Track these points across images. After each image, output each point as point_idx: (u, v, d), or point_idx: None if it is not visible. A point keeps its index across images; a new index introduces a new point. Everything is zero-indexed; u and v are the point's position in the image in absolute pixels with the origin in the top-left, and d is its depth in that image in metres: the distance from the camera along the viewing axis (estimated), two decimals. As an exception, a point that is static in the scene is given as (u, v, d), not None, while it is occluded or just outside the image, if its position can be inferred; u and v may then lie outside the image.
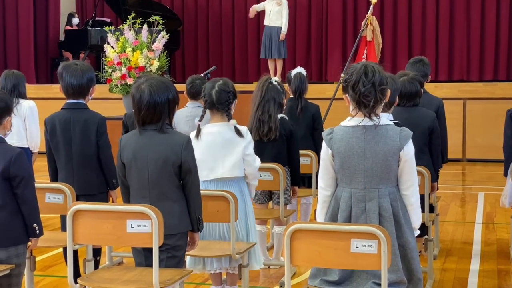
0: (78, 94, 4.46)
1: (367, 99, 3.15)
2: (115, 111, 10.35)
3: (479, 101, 11.50)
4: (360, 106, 3.18)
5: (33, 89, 12.75)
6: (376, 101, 3.16)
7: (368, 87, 3.14)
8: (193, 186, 3.52)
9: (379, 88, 3.16)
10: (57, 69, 4.58)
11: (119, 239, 3.39)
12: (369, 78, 3.15)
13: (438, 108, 5.58)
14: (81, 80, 4.43)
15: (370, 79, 3.15)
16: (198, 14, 15.06)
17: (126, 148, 3.52)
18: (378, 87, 3.15)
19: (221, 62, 14.53)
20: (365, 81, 3.14)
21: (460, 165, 11.20)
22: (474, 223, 7.09)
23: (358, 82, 3.15)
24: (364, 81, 3.14)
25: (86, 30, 13.95)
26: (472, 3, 13.37)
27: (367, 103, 3.15)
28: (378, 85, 3.16)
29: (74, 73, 4.43)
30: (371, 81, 3.14)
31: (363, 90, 3.14)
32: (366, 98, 3.15)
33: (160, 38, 8.88)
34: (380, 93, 3.17)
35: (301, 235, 3.05)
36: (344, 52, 13.86)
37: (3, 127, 3.53)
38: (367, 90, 3.14)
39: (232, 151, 4.27)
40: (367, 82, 3.14)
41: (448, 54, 13.56)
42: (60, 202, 4.16)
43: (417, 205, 3.32)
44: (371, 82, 3.14)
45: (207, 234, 4.28)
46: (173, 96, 3.50)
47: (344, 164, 3.24)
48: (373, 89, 3.15)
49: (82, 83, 4.44)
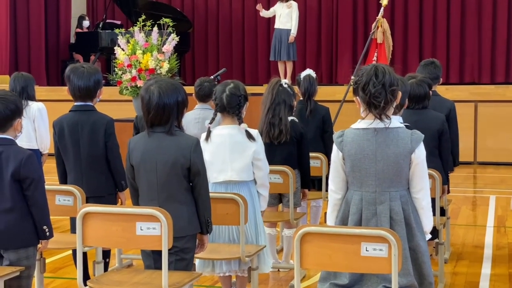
0: (85, 96, 4.47)
1: (378, 100, 3.13)
2: (125, 113, 10.36)
3: (490, 103, 11.44)
4: (371, 107, 3.16)
5: (44, 91, 12.80)
6: (386, 102, 3.14)
7: (379, 88, 3.13)
8: (202, 188, 3.52)
9: (390, 89, 3.14)
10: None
11: (128, 241, 3.38)
12: (380, 79, 3.13)
13: (450, 111, 5.55)
14: (88, 83, 4.44)
15: (381, 80, 3.13)
16: (208, 16, 15.08)
17: (135, 151, 3.52)
18: (388, 88, 3.14)
19: (231, 64, 14.55)
20: (376, 82, 3.13)
21: (472, 168, 11.15)
22: (486, 227, 7.05)
23: (368, 83, 3.14)
24: (375, 82, 3.13)
25: (96, 32, 14.00)
26: (483, 5, 13.32)
27: (377, 104, 3.14)
28: (389, 86, 3.14)
29: (81, 75, 4.43)
30: (381, 82, 3.13)
31: (374, 91, 3.13)
32: (377, 99, 3.13)
33: (170, 40, 8.86)
34: (391, 94, 3.15)
35: (311, 238, 3.03)
36: (354, 54, 13.84)
37: (13, 129, 3.54)
38: (377, 91, 3.13)
39: (242, 154, 4.25)
40: (377, 83, 3.13)
41: (459, 56, 13.52)
42: (70, 204, 4.17)
43: (428, 208, 3.30)
44: (382, 83, 3.13)
45: (216, 237, 4.26)
46: (182, 98, 3.50)
47: (354, 167, 3.23)
48: (383, 90, 3.13)
49: (89, 85, 4.45)
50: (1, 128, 3.49)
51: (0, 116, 3.47)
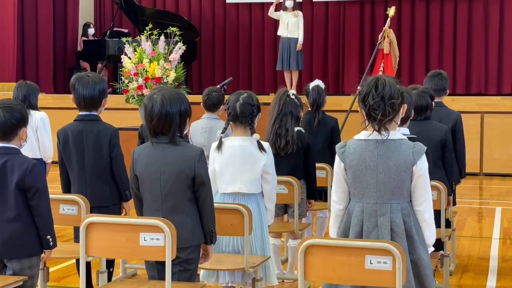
0: (90, 106, 4.46)
1: (376, 112, 3.13)
2: (131, 122, 10.38)
3: (496, 115, 11.42)
4: (370, 119, 3.16)
5: (50, 98, 12.84)
6: (384, 115, 3.13)
7: (377, 100, 3.12)
8: (206, 199, 3.51)
9: (389, 101, 3.13)
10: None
11: (132, 252, 3.38)
12: (379, 91, 3.13)
13: (456, 122, 5.52)
14: (93, 92, 4.43)
15: (380, 92, 3.12)
16: (215, 25, 15.11)
17: (139, 161, 3.51)
18: (387, 100, 3.13)
19: (237, 74, 14.56)
20: (375, 94, 3.13)
21: (478, 179, 11.11)
22: (491, 239, 7.01)
23: (368, 95, 3.15)
24: (374, 94, 3.13)
25: (104, 40, 14.03)
26: (490, 16, 13.32)
27: (375, 116, 3.13)
28: (388, 99, 3.13)
29: (86, 84, 4.43)
30: (380, 94, 3.12)
31: (372, 103, 3.13)
32: (375, 112, 3.13)
33: (177, 49, 8.88)
34: (390, 107, 3.13)
35: (315, 251, 3.02)
36: (361, 64, 13.84)
37: (18, 138, 3.54)
38: (376, 103, 3.12)
39: (252, 166, 4.23)
40: (376, 95, 3.12)
41: (465, 67, 13.51)
42: (74, 214, 4.16)
43: (431, 221, 3.28)
44: (381, 95, 3.12)
45: (221, 247, 4.25)
46: (186, 108, 3.49)
47: (356, 178, 3.22)
48: (382, 103, 3.12)
49: (94, 94, 4.44)
50: (6, 137, 3.49)
51: (6, 125, 3.47)
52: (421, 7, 13.73)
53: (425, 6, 13.74)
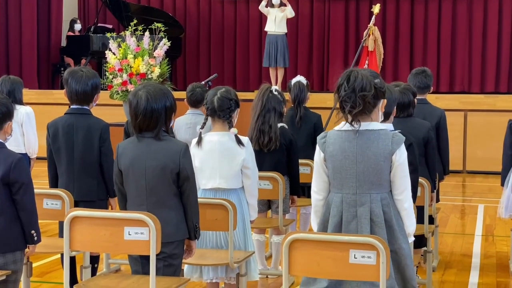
0: (82, 100, 4.46)
1: (346, 104, 3.15)
2: (116, 118, 10.35)
3: (480, 113, 11.50)
4: (342, 110, 3.18)
5: (34, 94, 12.77)
6: (353, 107, 3.14)
7: (348, 92, 3.14)
8: (191, 194, 3.51)
9: (360, 93, 3.14)
10: (61, 75, 4.58)
11: (116, 246, 3.37)
12: (350, 83, 3.14)
13: (440, 119, 5.55)
14: (85, 87, 4.44)
15: (351, 84, 3.14)
16: (200, 21, 15.09)
17: (123, 156, 3.50)
18: (358, 92, 3.14)
19: (222, 70, 14.55)
20: (346, 86, 3.15)
21: (460, 176, 11.19)
22: (474, 235, 7.06)
23: (340, 86, 3.17)
24: (345, 86, 3.15)
25: (88, 36, 13.97)
26: (474, 15, 13.40)
27: (345, 107, 3.15)
28: (359, 91, 3.14)
29: (79, 79, 4.43)
30: (351, 86, 3.14)
31: (343, 94, 3.15)
32: (345, 103, 3.15)
33: (161, 45, 8.88)
34: (361, 99, 3.14)
35: (299, 245, 3.03)
36: (345, 61, 13.88)
37: (3, 132, 3.51)
38: (346, 95, 3.14)
39: (231, 161, 4.23)
40: (348, 87, 3.14)
41: (449, 65, 13.59)
42: (58, 208, 4.14)
43: (411, 210, 3.29)
44: (352, 87, 3.14)
45: (203, 242, 4.25)
46: (171, 103, 3.49)
47: (335, 168, 3.23)
48: (353, 95, 3.14)
49: (86, 89, 4.44)
50: (-10, 130, 3.47)
51: (-9, 119, 3.45)
52: (406, 5, 13.79)
53: (409, 4, 13.80)
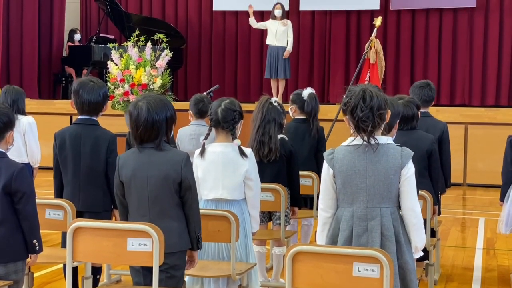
0: (93, 110, 4.47)
1: (365, 124, 3.15)
2: (117, 128, 10.31)
3: (480, 126, 11.49)
4: (359, 130, 3.18)
5: (35, 104, 12.78)
6: (374, 126, 3.16)
7: (366, 112, 3.14)
8: (193, 204, 3.50)
9: (377, 112, 3.15)
10: (62, 85, 4.58)
11: (119, 257, 3.36)
12: (367, 103, 3.14)
13: (443, 132, 5.56)
14: (98, 97, 4.45)
15: (368, 104, 3.14)
16: (202, 32, 15.11)
17: (124, 167, 3.50)
18: (376, 111, 3.15)
19: (223, 81, 14.56)
20: (363, 107, 3.14)
21: (461, 189, 11.17)
22: (475, 249, 7.05)
23: (356, 107, 3.15)
24: (362, 106, 3.14)
25: (89, 46, 13.99)
26: (475, 28, 13.42)
27: (365, 128, 3.16)
28: (376, 110, 3.15)
29: (91, 90, 4.43)
30: (369, 106, 3.14)
31: (361, 115, 3.15)
32: (364, 123, 3.15)
33: (163, 56, 8.88)
34: (379, 118, 3.16)
35: (303, 257, 3.02)
36: (346, 73, 13.90)
37: (5, 141, 3.51)
38: (365, 115, 3.14)
39: (234, 172, 4.23)
40: (365, 107, 3.14)
41: (450, 78, 13.60)
42: (60, 219, 4.14)
43: (420, 225, 3.28)
44: (369, 107, 3.14)
45: (205, 254, 4.24)
46: (171, 114, 3.49)
47: (346, 183, 3.23)
48: (371, 114, 3.15)
49: (98, 100, 4.46)
50: (-8, 140, 3.47)
51: (-8, 128, 3.45)
52: (407, 18, 13.82)
53: (410, 17, 13.83)
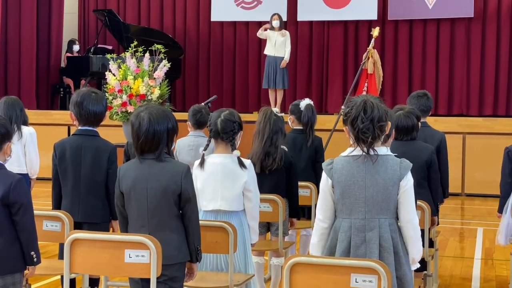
0: (97, 121, 4.49)
1: (365, 136, 3.16)
2: (115, 138, 10.28)
3: (478, 135, 11.51)
4: (359, 141, 3.19)
5: (33, 114, 12.74)
6: (374, 138, 3.17)
7: (367, 123, 3.15)
8: (193, 215, 3.50)
9: (378, 124, 3.17)
10: (60, 95, 4.60)
11: (116, 269, 3.36)
12: (368, 115, 3.15)
13: (441, 142, 5.57)
14: (102, 108, 4.48)
15: (369, 116, 3.15)
16: (200, 43, 15.13)
17: (125, 178, 3.50)
18: (376, 123, 3.16)
19: (221, 91, 14.57)
20: (364, 118, 3.15)
21: (459, 199, 11.17)
22: (473, 259, 7.04)
23: (357, 118, 3.16)
24: (363, 117, 3.15)
25: (87, 57, 14.00)
26: (472, 38, 13.45)
27: (365, 139, 3.16)
28: (377, 122, 3.16)
29: (95, 102, 4.44)
30: (369, 117, 3.15)
31: (362, 126, 3.15)
32: (365, 135, 3.16)
33: (161, 67, 8.90)
34: (379, 130, 3.18)
35: (300, 268, 3.02)
36: (344, 84, 13.92)
37: (3, 152, 3.51)
38: (365, 127, 3.15)
39: (233, 184, 4.24)
40: (365, 118, 3.15)
41: (448, 88, 13.61)
42: (58, 230, 4.14)
43: (417, 237, 3.29)
44: (370, 118, 3.15)
45: (204, 265, 4.24)
46: (173, 125, 3.50)
47: (344, 194, 3.24)
48: (371, 126, 3.16)
49: (102, 110, 4.49)
50: (-10, 152, 3.47)
51: (-10, 139, 3.45)
52: (405, 28, 13.85)
53: (408, 28, 13.86)
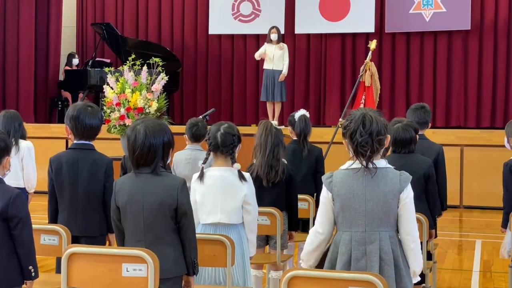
0: (93, 135, 4.50)
1: (364, 149, 3.17)
2: (113, 151, 10.29)
3: (476, 148, 11.52)
4: (358, 155, 3.19)
5: (31, 128, 12.74)
6: (372, 151, 3.18)
7: (365, 137, 3.16)
8: (189, 229, 3.50)
9: (377, 138, 3.18)
10: (58, 109, 4.60)
11: (114, 283, 3.35)
12: (367, 128, 3.16)
13: (438, 155, 5.57)
14: (98, 122, 4.49)
15: (368, 129, 3.16)
16: (198, 56, 15.16)
17: (121, 192, 3.50)
18: (375, 137, 3.17)
19: (219, 104, 14.59)
20: (363, 131, 3.16)
21: (457, 211, 11.17)
22: (472, 271, 7.03)
23: (355, 131, 3.17)
24: (362, 131, 3.16)
25: (85, 70, 14.02)
26: (469, 50, 13.49)
27: (364, 153, 3.17)
28: (376, 135, 3.17)
29: (91, 115, 4.45)
30: (368, 131, 3.16)
31: (360, 140, 3.16)
32: (363, 148, 3.17)
33: (159, 80, 8.91)
34: (378, 143, 3.18)
35: (299, 282, 3.02)
36: (342, 96, 13.93)
37: (2, 167, 3.51)
38: (364, 140, 3.16)
39: (233, 197, 4.24)
40: (364, 132, 3.16)
41: (445, 100, 13.64)
42: (55, 244, 4.12)
43: (417, 250, 3.30)
44: (369, 132, 3.16)
45: (202, 278, 4.23)
46: (169, 139, 3.50)
47: (344, 207, 3.24)
48: (370, 139, 3.17)
49: (98, 124, 4.50)
50: (-11, 166, 3.47)
51: (-12, 154, 3.46)
52: (402, 41, 13.89)
53: (405, 40, 13.90)
